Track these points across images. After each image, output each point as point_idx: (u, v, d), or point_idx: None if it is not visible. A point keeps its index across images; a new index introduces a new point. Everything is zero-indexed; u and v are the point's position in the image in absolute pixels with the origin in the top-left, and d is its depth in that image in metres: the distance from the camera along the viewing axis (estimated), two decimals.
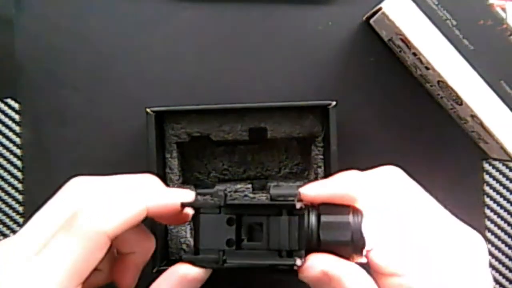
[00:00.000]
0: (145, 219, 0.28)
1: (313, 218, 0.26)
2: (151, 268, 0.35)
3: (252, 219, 0.27)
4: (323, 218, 0.26)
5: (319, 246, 0.26)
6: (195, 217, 0.27)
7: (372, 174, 0.28)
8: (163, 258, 0.38)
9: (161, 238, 0.38)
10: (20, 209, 0.43)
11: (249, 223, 0.27)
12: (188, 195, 0.28)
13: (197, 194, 0.28)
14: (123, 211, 0.25)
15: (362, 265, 0.28)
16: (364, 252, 0.26)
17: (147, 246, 0.30)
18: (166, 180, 0.40)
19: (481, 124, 0.36)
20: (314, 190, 0.27)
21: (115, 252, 0.30)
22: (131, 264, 0.29)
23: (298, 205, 0.25)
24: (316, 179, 0.40)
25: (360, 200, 0.26)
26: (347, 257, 0.26)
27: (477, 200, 0.43)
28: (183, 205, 0.27)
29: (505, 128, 0.36)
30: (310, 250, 0.26)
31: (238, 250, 0.26)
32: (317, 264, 0.25)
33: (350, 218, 0.26)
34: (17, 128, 0.43)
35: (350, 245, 0.26)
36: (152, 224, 0.34)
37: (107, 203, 0.25)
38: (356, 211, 0.26)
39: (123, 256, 0.30)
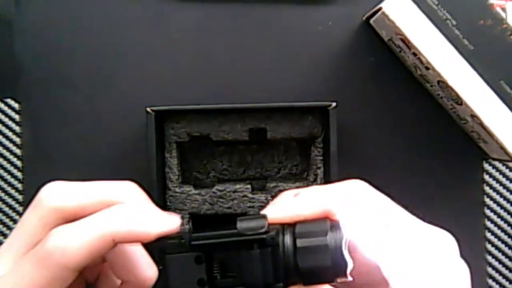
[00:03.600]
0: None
1: (288, 244, 0.24)
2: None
3: (223, 255, 0.25)
4: (299, 243, 0.24)
5: (299, 274, 0.24)
6: (161, 258, 0.25)
7: (339, 188, 0.26)
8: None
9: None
10: (20, 209, 0.43)
11: (220, 259, 0.25)
12: (167, 223, 0.25)
13: (161, 238, 0.25)
14: (85, 243, 0.24)
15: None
16: (348, 271, 0.24)
17: (144, 277, 0.28)
18: (165, 180, 0.40)
19: (481, 124, 0.36)
20: (281, 213, 0.25)
21: (116, 280, 0.29)
22: None
23: (269, 236, 0.24)
24: (315, 180, 0.40)
25: (334, 214, 0.25)
26: (330, 280, 0.24)
27: (477, 200, 0.43)
28: (146, 246, 0.25)
29: (505, 128, 0.36)
30: (289, 279, 0.24)
31: None
32: None
33: (329, 238, 0.24)
34: (17, 128, 0.43)
35: (331, 269, 0.24)
36: None
37: (70, 233, 0.24)
38: (334, 226, 0.24)
39: (122, 283, 0.29)
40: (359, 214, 0.24)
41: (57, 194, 0.26)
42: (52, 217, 0.25)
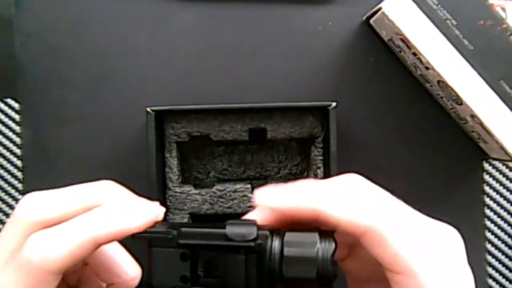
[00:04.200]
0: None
1: (276, 251, 0.24)
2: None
3: (208, 254, 0.25)
4: (286, 252, 0.24)
5: (283, 282, 0.24)
6: (147, 250, 0.25)
7: (335, 182, 0.25)
8: None
9: None
10: None
11: (206, 258, 0.25)
12: (148, 215, 0.25)
13: (148, 232, 0.25)
14: (66, 247, 0.23)
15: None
16: (332, 285, 0.24)
17: (128, 277, 0.28)
18: (165, 180, 0.40)
19: (481, 124, 0.36)
20: (272, 200, 0.25)
21: (101, 283, 0.29)
22: None
23: (257, 244, 0.23)
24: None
25: (325, 210, 0.24)
26: None
27: (477, 200, 0.43)
28: (134, 237, 0.25)
29: (505, 128, 0.36)
30: (273, 285, 0.24)
31: (193, 286, 0.24)
32: None
33: (317, 249, 0.23)
34: (17, 128, 0.43)
35: (316, 281, 0.23)
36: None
37: (51, 238, 0.24)
38: (325, 237, 0.24)
39: (107, 286, 0.29)
40: (367, 205, 0.24)
41: (35, 207, 0.25)
42: (32, 231, 0.25)
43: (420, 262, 0.22)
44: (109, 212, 0.25)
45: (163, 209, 0.27)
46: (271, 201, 0.25)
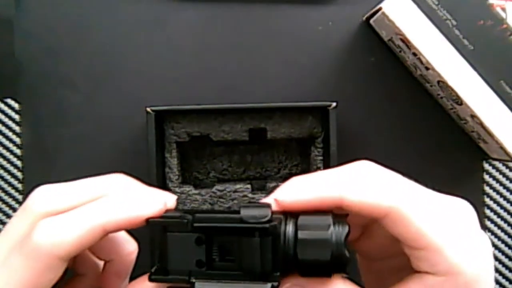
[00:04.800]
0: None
1: (289, 235, 0.24)
2: (150, 267, 0.34)
3: (223, 238, 0.25)
4: (301, 235, 0.24)
5: (297, 265, 0.24)
6: (161, 235, 0.25)
7: (350, 169, 0.26)
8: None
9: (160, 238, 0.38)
10: None
11: (220, 242, 0.25)
12: (159, 203, 0.25)
13: (164, 218, 0.25)
14: (75, 233, 0.24)
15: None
16: (347, 268, 0.24)
17: (125, 253, 0.29)
18: (165, 180, 0.40)
19: (481, 124, 0.36)
20: (292, 196, 0.25)
21: (96, 260, 0.30)
22: (111, 271, 0.29)
23: (271, 225, 0.23)
24: None
25: (347, 197, 0.24)
26: (328, 274, 0.24)
27: (477, 200, 0.43)
28: (148, 222, 0.25)
29: (505, 128, 0.36)
30: (287, 269, 0.24)
31: (209, 270, 0.25)
32: None
33: (331, 232, 0.23)
34: (17, 128, 0.43)
35: (330, 264, 0.23)
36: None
37: (60, 224, 0.24)
38: (339, 220, 0.24)
39: (105, 263, 0.29)
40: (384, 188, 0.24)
41: (46, 198, 0.25)
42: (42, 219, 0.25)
43: (442, 236, 0.23)
44: (117, 200, 0.25)
45: (174, 197, 0.27)
46: (293, 196, 0.25)
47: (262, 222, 0.24)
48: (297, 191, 0.25)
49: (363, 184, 0.24)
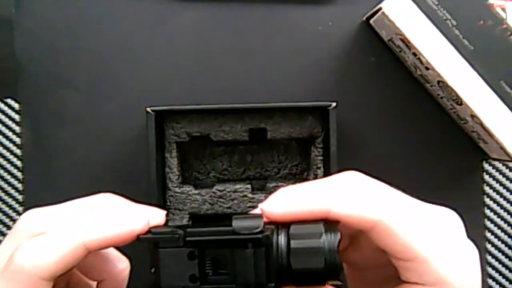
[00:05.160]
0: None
1: (282, 245, 0.24)
2: (149, 268, 0.35)
3: (216, 252, 0.24)
4: (293, 244, 0.24)
5: (291, 274, 0.24)
6: (154, 251, 0.25)
7: (337, 181, 0.26)
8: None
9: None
10: (20, 209, 0.43)
11: (213, 256, 0.25)
12: (143, 221, 0.25)
13: (153, 233, 0.25)
14: (56, 252, 0.23)
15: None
16: (342, 272, 0.24)
17: (117, 271, 0.29)
18: (165, 180, 0.40)
19: (481, 124, 0.36)
20: (279, 208, 0.25)
21: (88, 281, 0.30)
22: None
23: (264, 236, 0.23)
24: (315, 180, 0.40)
25: (334, 210, 0.24)
26: (322, 283, 0.24)
27: (477, 200, 0.43)
28: (139, 239, 0.25)
29: (505, 128, 0.36)
30: (281, 279, 0.24)
31: (203, 285, 0.24)
32: None
33: (323, 240, 0.23)
34: (17, 128, 0.43)
35: (324, 272, 0.23)
36: None
37: (41, 244, 0.24)
38: (330, 228, 0.24)
39: (98, 284, 0.29)
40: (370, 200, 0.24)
41: (33, 222, 0.25)
42: None
43: (429, 247, 0.23)
44: (97, 217, 0.25)
45: (163, 212, 0.27)
46: (280, 208, 0.25)
47: (255, 233, 0.23)
48: (284, 203, 0.25)
49: (349, 197, 0.24)
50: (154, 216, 0.26)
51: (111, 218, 0.25)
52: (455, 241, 0.24)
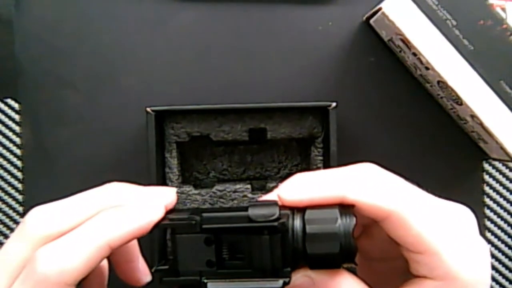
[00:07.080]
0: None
1: (298, 230, 0.24)
2: (150, 268, 0.35)
3: (232, 238, 0.25)
4: (309, 229, 0.24)
5: (307, 259, 0.24)
6: (172, 238, 0.25)
7: (353, 170, 0.26)
8: (161, 258, 0.38)
9: (159, 238, 0.38)
10: (20, 209, 0.43)
11: (229, 242, 0.25)
12: (159, 208, 0.25)
13: (170, 219, 0.25)
14: (81, 256, 0.22)
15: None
16: (356, 258, 0.24)
17: (138, 280, 0.29)
18: (165, 180, 0.40)
19: (481, 124, 0.36)
20: (295, 194, 0.25)
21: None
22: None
23: (280, 223, 0.24)
24: None
25: (349, 196, 0.24)
26: (337, 266, 0.24)
27: (477, 200, 0.43)
28: (157, 226, 0.25)
29: (505, 128, 0.36)
30: (297, 263, 0.25)
31: (219, 270, 0.25)
32: (301, 281, 0.24)
33: (338, 225, 0.24)
34: (17, 128, 0.43)
35: (339, 256, 0.24)
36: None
37: (64, 248, 0.23)
38: (345, 212, 0.24)
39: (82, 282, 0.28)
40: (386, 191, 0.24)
41: (43, 221, 0.24)
42: (40, 245, 0.24)
43: (441, 241, 0.23)
44: (117, 213, 0.24)
45: (173, 190, 0.27)
46: (297, 195, 0.25)
47: (271, 221, 0.24)
48: (300, 189, 0.25)
49: (365, 185, 0.24)
50: (167, 198, 0.26)
51: (129, 211, 0.24)
52: (468, 237, 0.24)
